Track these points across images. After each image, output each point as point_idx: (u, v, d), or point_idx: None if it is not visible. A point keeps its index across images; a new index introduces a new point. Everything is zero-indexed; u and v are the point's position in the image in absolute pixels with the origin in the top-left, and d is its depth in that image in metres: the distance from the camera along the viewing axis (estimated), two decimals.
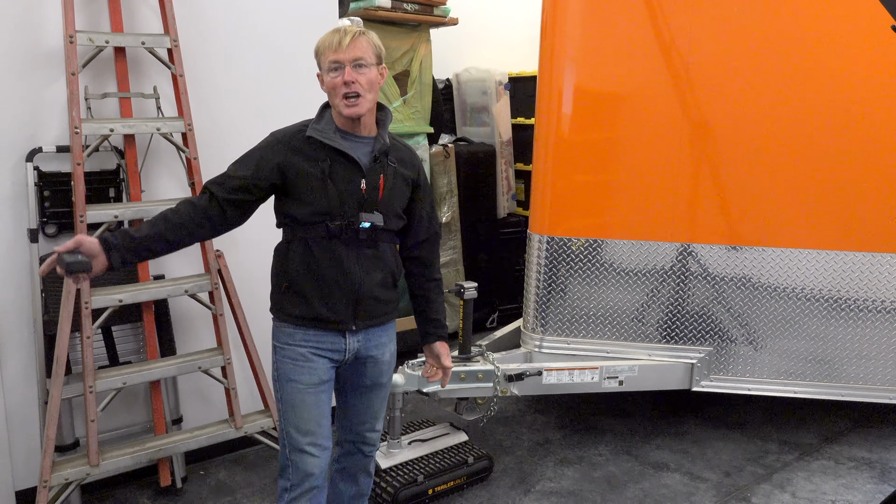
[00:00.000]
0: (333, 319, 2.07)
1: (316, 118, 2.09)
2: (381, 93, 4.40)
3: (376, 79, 2.03)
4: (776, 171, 3.27)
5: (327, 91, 2.03)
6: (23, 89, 2.73)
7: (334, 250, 2.03)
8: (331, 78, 2.00)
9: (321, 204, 2.00)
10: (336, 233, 2.02)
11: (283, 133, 2.08)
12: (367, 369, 2.20)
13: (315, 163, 2.00)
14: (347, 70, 1.96)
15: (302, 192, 2.01)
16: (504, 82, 5.37)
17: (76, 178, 2.68)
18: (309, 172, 2.00)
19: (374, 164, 2.05)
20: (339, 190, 2.01)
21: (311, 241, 2.03)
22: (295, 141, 2.03)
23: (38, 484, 2.63)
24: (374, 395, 2.26)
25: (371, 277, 2.09)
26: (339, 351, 2.12)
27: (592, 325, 3.44)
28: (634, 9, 3.24)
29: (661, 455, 3.47)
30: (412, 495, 2.94)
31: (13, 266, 2.78)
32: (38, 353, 2.82)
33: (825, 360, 3.38)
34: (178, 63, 2.90)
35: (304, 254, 2.04)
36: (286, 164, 2.01)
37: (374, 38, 2.05)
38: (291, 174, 2.01)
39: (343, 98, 1.98)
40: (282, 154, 2.01)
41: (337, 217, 2.01)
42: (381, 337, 2.21)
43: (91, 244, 1.86)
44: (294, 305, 2.08)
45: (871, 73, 3.18)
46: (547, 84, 3.38)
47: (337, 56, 1.97)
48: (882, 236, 3.27)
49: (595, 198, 3.42)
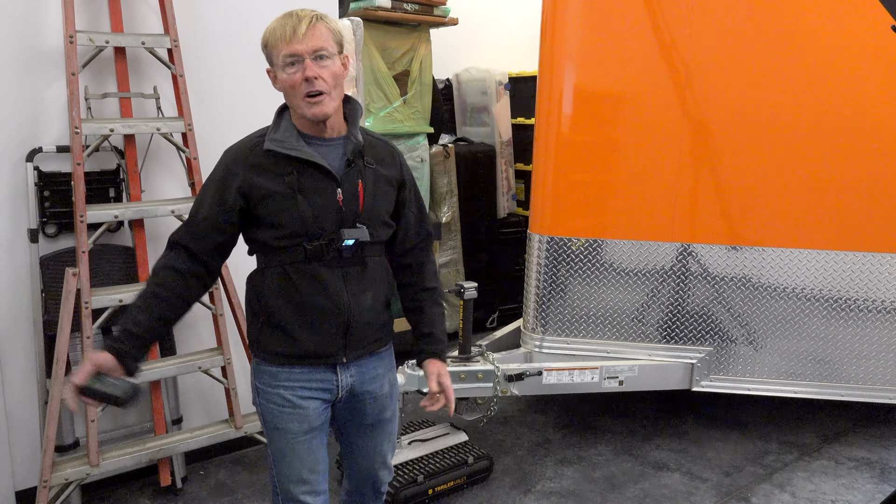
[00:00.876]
0: (322, 354, 1.82)
1: (272, 126, 1.79)
2: (381, 92, 4.40)
3: (340, 71, 1.74)
4: (776, 171, 3.27)
5: (284, 90, 1.74)
6: (23, 89, 2.73)
7: (316, 274, 1.76)
8: (288, 75, 1.69)
9: (294, 224, 1.73)
10: (315, 254, 1.75)
11: (236, 150, 1.79)
12: (367, 407, 1.94)
13: (279, 178, 1.72)
14: (308, 64, 1.67)
15: (270, 214, 1.73)
16: (504, 82, 5.37)
17: (76, 178, 2.68)
18: (274, 191, 1.72)
19: (350, 169, 1.78)
20: (312, 205, 1.73)
21: (288, 266, 1.76)
22: (252, 157, 1.75)
23: (38, 484, 2.64)
24: (380, 432, 2.01)
25: (361, 300, 1.82)
26: (331, 389, 1.86)
27: (592, 325, 3.44)
28: (634, 9, 3.24)
29: (661, 455, 3.47)
30: (412, 495, 2.94)
31: (13, 266, 2.78)
32: (38, 353, 2.82)
33: (825, 360, 3.38)
34: (178, 63, 2.90)
35: (281, 282, 1.77)
36: (247, 185, 1.73)
37: (334, 22, 1.76)
38: (255, 196, 1.73)
39: (305, 98, 1.70)
40: (240, 175, 1.73)
41: (314, 237, 1.74)
42: (376, 369, 1.94)
43: (107, 360, 1.66)
44: (275, 342, 1.81)
45: (871, 73, 3.18)
46: (547, 84, 3.38)
47: (293, 48, 1.67)
48: (882, 236, 3.27)
49: (595, 198, 3.42)
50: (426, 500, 3.00)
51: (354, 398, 1.92)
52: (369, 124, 4.32)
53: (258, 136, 1.80)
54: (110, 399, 1.65)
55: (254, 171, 1.74)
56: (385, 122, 4.45)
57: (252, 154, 1.76)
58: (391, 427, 2.04)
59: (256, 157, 1.75)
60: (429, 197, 4.82)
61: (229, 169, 1.76)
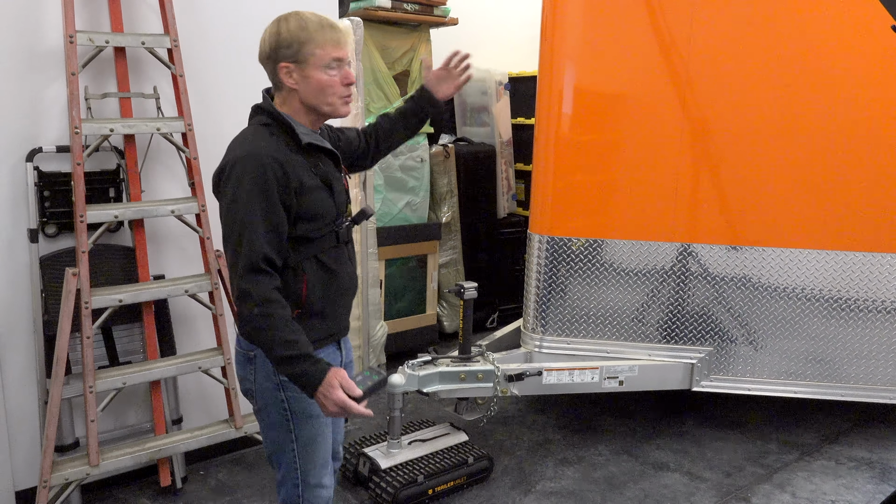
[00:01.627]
0: (340, 329, 1.98)
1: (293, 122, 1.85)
2: (381, 92, 4.41)
3: None
4: (776, 171, 3.27)
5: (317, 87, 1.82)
6: (23, 89, 2.73)
7: (341, 255, 1.92)
8: (329, 76, 1.82)
9: (330, 212, 1.86)
10: (345, 237, 1.92)
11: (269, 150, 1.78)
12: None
13: (310, 171, 1.83)
14: (347, 69, 1.85)
15: (311, 208, 1.82)
16: (504, 82, 5.37)
17: (76, 178, 2.68)
18: (312, 185, 1.82)
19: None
20: (337, 191, 1.89)
21: (320, 255, 1.86)
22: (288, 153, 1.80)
23: (38, 484, 2.64)
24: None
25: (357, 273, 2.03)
26: (338, 365, 1.97)
27: (592, 325, 3.44)
28: (634, 9, 3.24)
29: (661, 455, 3.47)
30: (412, 495, 2.94)
31: (13, 266, 2.78)
32: (38, 353, 2.82)
33: (825, 360, 3.38)
34: (178, 63, 2.90)
35: (318, 272, 1.86)
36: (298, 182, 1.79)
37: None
38: (303, 192, 1.80)
39: (342, 97, 1.86)
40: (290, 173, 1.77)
41: (340, 219, 1.90)
42: (350, 342, 2.12)
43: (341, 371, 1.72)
44: (309, 329, 1.82)
45: (871, 73, 3.18)
46: (547, 84, 3.38)
47: (343, 52, 1.84)
48: (882, 236, 3.27)
49: (595, 198, 3.42)
50: (426, 500, 3.00)
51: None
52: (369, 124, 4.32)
53: (268, 133, 1.82)
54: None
55: (295, 168, 1.79)
56: None
57: (285, 151, 1.80)
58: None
59: (290, 154, 1.80)
60: (429, 197, 4.82)
61: (274, 170, 1.74)
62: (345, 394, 1.68)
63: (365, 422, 3.82)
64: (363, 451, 3.16)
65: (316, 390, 1.69)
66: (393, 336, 4.51)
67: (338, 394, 1.67)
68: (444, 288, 4.94)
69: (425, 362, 3.18)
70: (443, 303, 5.02)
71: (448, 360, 3.23)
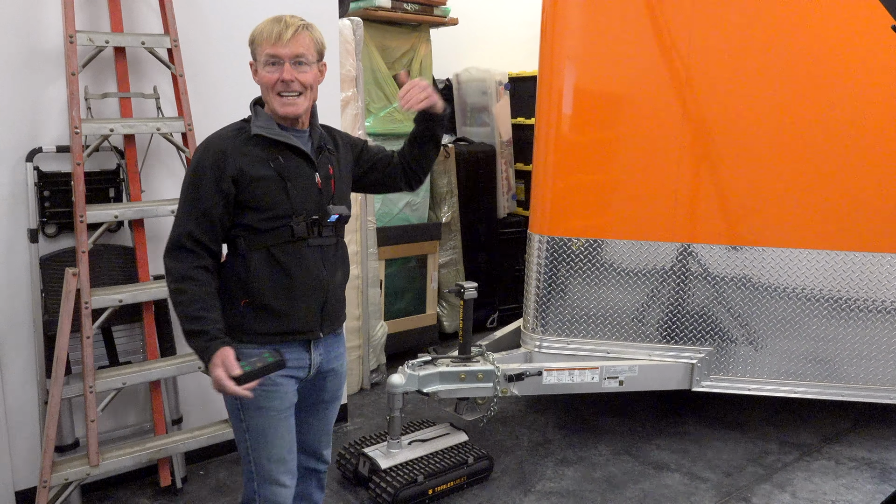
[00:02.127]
0: (304, 329, 1.95)
1: (253, 116, 1.95)
2: (381, 92, 4.40)
3: (316, 77, 1.93)
4: (776, 171, 3.27)
5: (261, 85, 1.90)
6: (23, 89, 2.73)
7: (300, 253, 1.91)
8: (267, 73, 1.86)
9: (282, 206, 1.88)
10: (302, 233, 1.90)
11: (219, 138, 1.90)
12: (328, 383, 2.10)
13: (266, 163, 1.87)
14: (286, 67, 1.84)
15: (258, 198, 1.86)
16: (504, 82, 5.37)
17: (76, 178, 2.68)
18: (262, 175, 1.86)
19: (321, 156, 1.97)
20: (297, 187, 1.90)
21: (273, 247, 1.89)
22: (238, 143, 1.88)
23: (38, 484, 2.63)
24: (332, 409, 2.17)
25: (335, 277, 1.99)
26: (304, 367, 2.00)
27: (592, 325, 3.44)
28: (634, 9, 3.24)
29: (661, 455, 3.47)
30: (412, 495, 2.94)
31: (13, 266, 2.78)
32: (38, 353, 2.82)
33: (825, 360, 3.38)
34: (178, 63, 2.90)
35: (267, 263, 1.89)
36: (238, 170, 1.85)
37: (318, 33, 1.93)
38: (244, 181, 1.85)
39: (278, 96, 1.87)
40: (230, 162, 1.85)
41: (300, 216, 1.90)
42: (338, 347, 2.10)
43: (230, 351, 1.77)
44: (259, 321, 1.91)
45: (871, 73, 3.18)
46: (547, 84, 3.38)
47: (276, 50, 1.84)
48: (882, 236, 3.27)
49: (595, 198, 3.42)
50: (426, 500, 3.00)
51: (319, 376, 2.06)
52: (369, 124, 4.32)
53: (237, 127, 1.94)
54: (273, 367, 1.79)
55: (242, 157, 1.86)
56: (385, 122, 4.45)
57: (237, 141, 1.89)
58: (337, 406, 2.20)
59: (241, 144, 1.88)
60: (429, 197, 4.82)
61: (218, 157, 1.86)
62: (224, 372, 1.73)
63: (365, 422, 3.82)
64: (363, 451, 3.16)
65: (206, 366, 1.78)
66: (393, 336, 4.51)
67: (216, 371, 1.74)
68: (444, 288, 4.94)
69: (425, 362, 3.18)
70: (443, 303, 5.02)
71: (448, 360, 3.23)
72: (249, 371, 1.76)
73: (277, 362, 1.79)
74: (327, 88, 3.53)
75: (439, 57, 4.90)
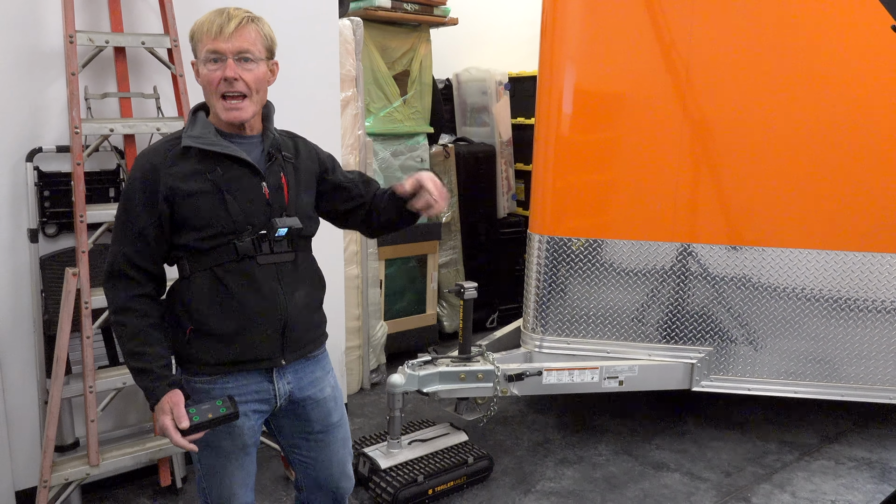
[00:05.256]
0: (260, 357, 1.76)
1: (188, 124, 1.75)
2: (381, 92, 4.40)
3: (265, 76, 1.73)
4: (776, 171, 3.27)
5: (203, 85, 1.71)
6: (23, 89, 2.73)
7: (248, 273, 1.71)
8: (208, 71, 1.67)
9: (222, 222, 1.69)
10: (248, 251, 1.71)
11: (152, 153, 1.73)
12: (311, 413, 1.90)
13: (202, 176, 1.68)
14: (229, 64, 1.65)
15: (195, 216, 1.68)
16: (504, 82, 5.37)
17: (76, 178, 2.67)
18: (198, 190, 1.67)
19: (271, 164, 1.77)
20: (239, 201, 1.70)
21: (217, 269, 1.70)
22: (169, 158, 1.70)
23: (38, 484, 2.63)
24: (332, 439, 1.95)
25: (295, 297, 1.78)
26: (268, 399, 1.81)
27: (592, 325, 3.44)
28: (634, 9, 3.24)
29: (661, 455, 3.47)
30: (412, 495, 2.94)
31: (13, 266, 2.78)
32: (38, 353, 2.82)
33: (825, 360, 3.38)
34: (178, 63, 2.90)
35: (211, 286, 1.71)
36: (168, 188, 1.67)
37: (266, 26, 1.75)
38: (178, 198, 1.67)
39: (221, 98, 1.69)
40: (161, 180, 1.67)
41: (244, 233, 1.71)
42: (314, 372, 1.89)
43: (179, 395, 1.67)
44: (206, 351, 1.73)
45: (871, 73, 3.18)
46: (547, 84, 3.38)
47: (217, 45, 1.66)
48: (882, 236, 3.27)
49: (595, 198, 3.42)
50: (426, 500, 3.00)
51: (296, 406, 1.88)
52: (369, 124, 4.32)
53: (172, 138, 1.76)
54: (223, 420, 1.68)
55: (174, 172, 1.69)
56: (385, 122, 4.45)
57: (168, 156, 1.71)
58: (343, 432, 1.99)
59: (175, 158, 1.71)
60: None
61: (148, 175, 1.70)
62: (171, 421, 1.63)
63: (365, 422, 3.82)
64: (363, 450, 3.16)
65: (153, 409, 1.67)
66: (393, 336, 4.51)
67: (164, 419, 1.63)
68: (444, 288, 4.94)
69: (425, 362, 3.18)
70: (443, 303, 5.02)
71: (448, 360, 3.24)
72: (198, 423, 1.65)
73: (229, 415, 1.68)
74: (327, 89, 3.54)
75: (439, 57, 4.89)
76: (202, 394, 1.77)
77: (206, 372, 1.76)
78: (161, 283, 1.78)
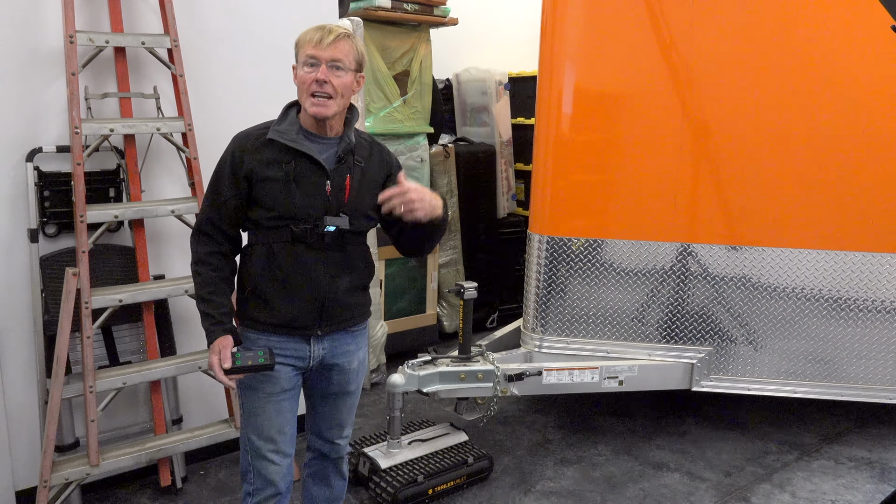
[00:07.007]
0: (298, 325, 2.03)
1: (279, 118, 2.04)
2: (381, 92, 4.40)
3: (351, 84, 1.98)
4: (776, 171, 3.27)
5: (297, 85, 1.97)
6: (23, 89, 2.73)
7: (298, 254, 1.99)
8: (304, 73, 1.94)
9: (285, 208, 1.96)
10: (300, 236, 1.98)
11: (244, 137, 2.03)
12: (333, 377, 2.17)
13: (278, 166, 1.96)
14: (322, 69, 1.92)
15: (265, 197, 1.97)
16: (504, 82, 5.37)
17: (76, 178, 2.68)
18: (271, 177, 1.96)
19: (340, 165, 2.01)
20: (303, 193, 1.96)
21: (274, 244, 1.99)
22: (257, 144, 1.99)
23: (38, 484, 2.64)
24: (342, 402, 2.24)
25: (337, 282, 2.04)
26: (304, 358, 2.08)
27: (592, 325, 3.44)
28: (634, 9, 3.24)
29: (661, 455, 3.47)
30: (412, 495, 2.94)
31: (13, 266, 2.78)
32: (38, 353, 2.82)
33: (825, 360, 3.38)
34: (178, 63, 2.90)
35: (266, 258, 2.00)
36: (250, 170, 1.97)
37: (360, 44, 2.01)
38: (255, 179, 1.97)
39: (311, 96, 1.94)
40: (245, 161, 1.97)
41: (301, 221, 1.97)
42: (348, 344, 2.15)
43: (230, 340, 1.98)
44: (257, 310, 2.04)
45: (871, 73, 3.18)
46: (547, 84, 3.38)
47: (315, 52, 1.92)
48: (882, 236, 3.27)
49: (595, 198, 3.42)
50: (426, 500, 3.00)
51: (324, 368, 2.14)
52: (369, 124, 4.33)
53: (265, 126, 2.02)
54: (260, 369, 1.96)
55: (258, 157, 1.97)
56: (385, 122, 4.45)
57: (257, 142, 1.99)
58: (352, 400, 2.27)
59: (261, 145, 1.98)
60: None
61: (236, 154, 1.99)
62: (218, 360, 1.93)
63: (365, 422, 3.82)
64: (363, 450, 3.16)
65: (209, 347, 1.97)
66: (393, 336, 4.51)
67: (213, 357, 1.95)
68: (444, 288, 4.94)
69: (425, 362, 3.18)
70: (443, 303, 5.02)
71: (448, 360, 3.24)
72: (239, 366, 1.93)
73: (266, 365, 1.95)
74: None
75: (439, 57, 4.89)
76: (250, 342, 2.06)
77: (257, 328, 2.06)
78: (237, 245, 2.10)
